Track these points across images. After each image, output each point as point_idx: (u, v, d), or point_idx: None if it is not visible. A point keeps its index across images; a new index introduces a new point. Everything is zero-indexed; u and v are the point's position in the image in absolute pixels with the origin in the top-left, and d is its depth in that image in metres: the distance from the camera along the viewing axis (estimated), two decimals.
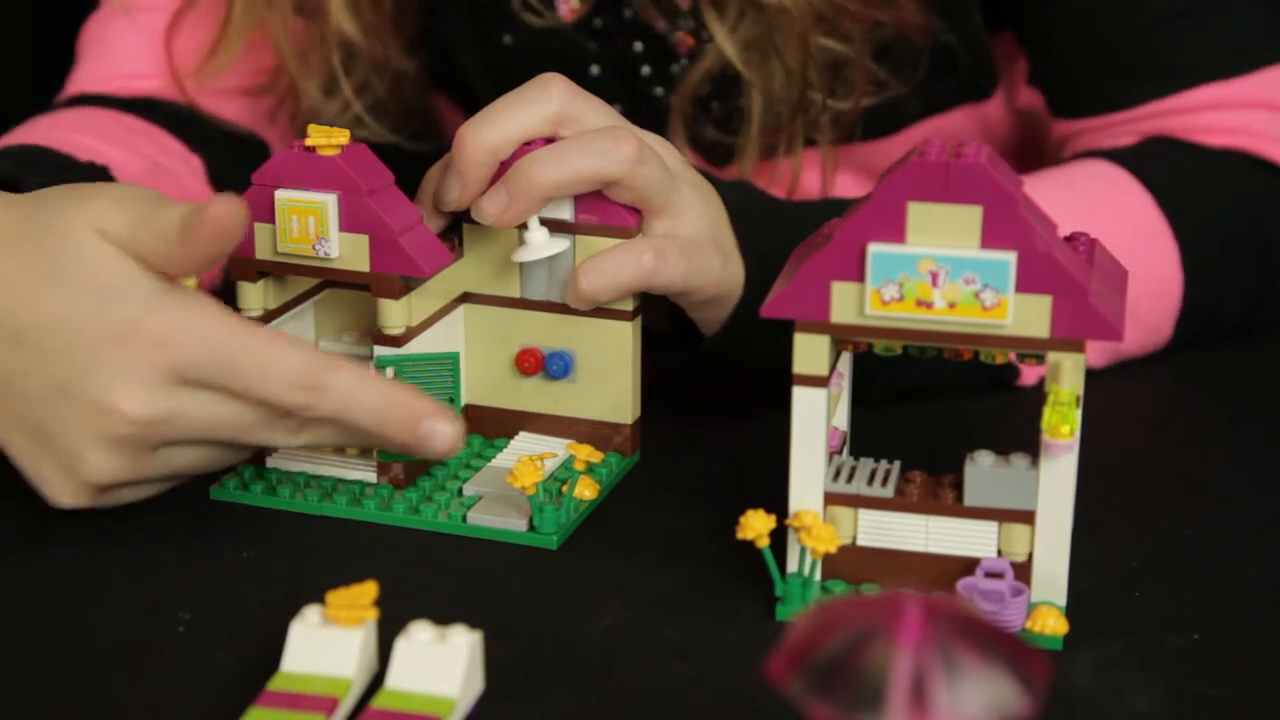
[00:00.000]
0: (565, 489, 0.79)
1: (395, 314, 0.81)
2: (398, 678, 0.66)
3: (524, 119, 0.79)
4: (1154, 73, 1.00)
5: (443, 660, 0.65)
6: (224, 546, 0.78)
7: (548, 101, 0.79)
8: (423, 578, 0.76)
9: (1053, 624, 0.70)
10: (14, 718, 0.67)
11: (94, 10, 1.11)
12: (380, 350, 0.81)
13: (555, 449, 0.85)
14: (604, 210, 0.81)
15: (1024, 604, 0.71)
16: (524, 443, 0.86)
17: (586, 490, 0.79)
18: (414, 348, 0.82)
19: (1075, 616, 0.72)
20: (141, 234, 0.74)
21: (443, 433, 0.74)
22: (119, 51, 1.09)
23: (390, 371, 0.81)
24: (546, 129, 0.80)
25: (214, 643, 0.71)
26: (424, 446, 0.75)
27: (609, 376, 0.85)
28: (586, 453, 0.81)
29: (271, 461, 0.83)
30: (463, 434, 0.75)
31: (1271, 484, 0.85)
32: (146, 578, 0.76)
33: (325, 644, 0.66)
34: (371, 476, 0.82)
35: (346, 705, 0.66)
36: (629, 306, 0.83)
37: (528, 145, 0.80)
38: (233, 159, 1.08)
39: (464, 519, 0.80)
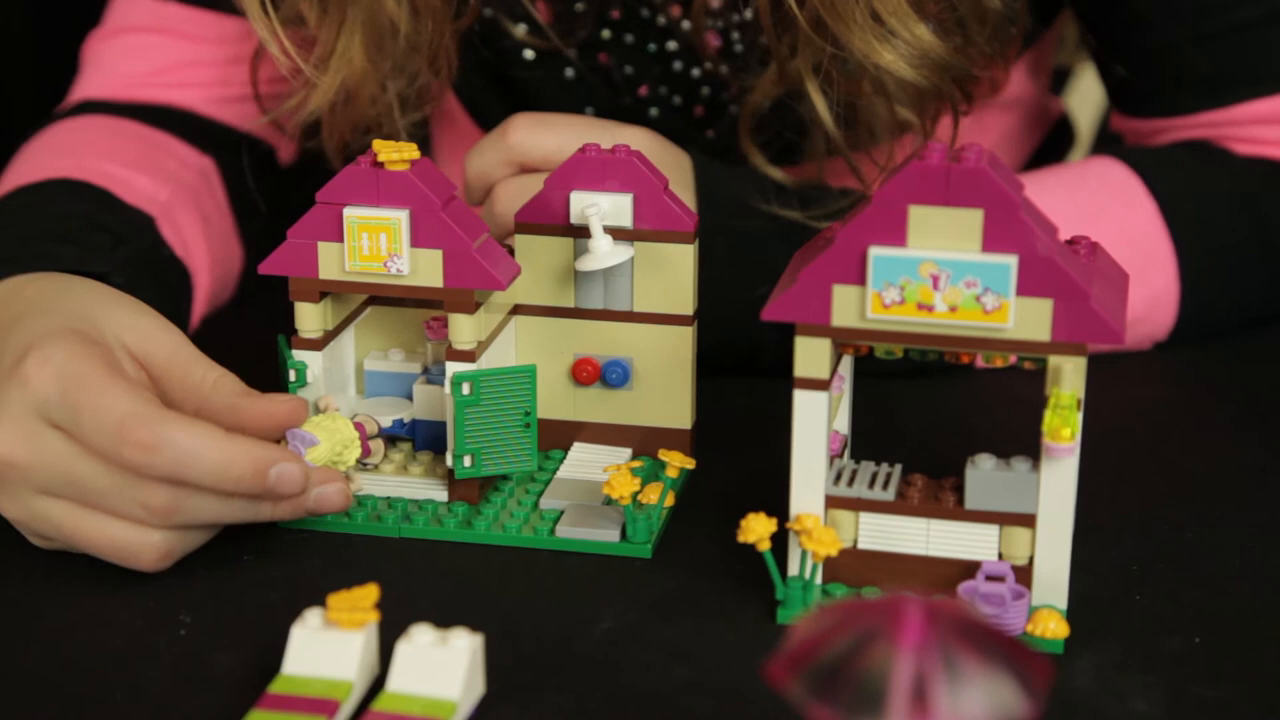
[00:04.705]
0: (642, 497, 0.78)
1: (468, 329, 0.79)
2: (399, 680, 0.66)
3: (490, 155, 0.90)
4: (1207, 84, 1.00)
5: (444, 663, 0.65)
6: (225, 550, 0.78)
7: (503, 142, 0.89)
8: (424, 581, 0.76)
9: (1054, 627, 0.70)
10: (14, 719, 0.67)
11: (96, 26, 1.09)
12: (455, 367, 0.79)
13: (617, 458, 0.84)
14: (662, 216, 0.82)
15: (1025, 607, 0.71)
16: (583, 453, 0.85)
17: (655, 495, 0.78)
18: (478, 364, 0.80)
19: (1076, 619, 0.72)
20: (177, 358, 0.77)
21: (291, 474, 0.73)
22: (126, 60, 1.07)
23: (467, 388, 0.78)
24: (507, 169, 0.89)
25: (215, 646, 0.71)
26: (276, 493, 0.73)
27: (667, 382, 0.84)
28: (679, 459, 0.79)
29: None
30: (303, 472, 0.74)
31: (1272, 486, 0.85)
32: (148, 581, 0.75)
33: (326, 647, 0.67)
34: (440, 495, 0.81)
35: (347, 708, 0.66)
36: (688, 311, 0.83)
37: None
38: (239, 161, 1.06)
39: (551, 533, 0.78)
